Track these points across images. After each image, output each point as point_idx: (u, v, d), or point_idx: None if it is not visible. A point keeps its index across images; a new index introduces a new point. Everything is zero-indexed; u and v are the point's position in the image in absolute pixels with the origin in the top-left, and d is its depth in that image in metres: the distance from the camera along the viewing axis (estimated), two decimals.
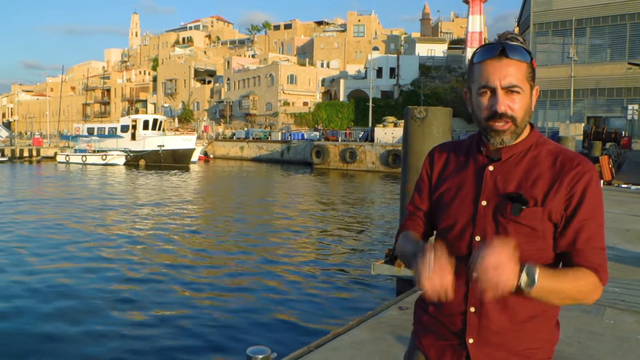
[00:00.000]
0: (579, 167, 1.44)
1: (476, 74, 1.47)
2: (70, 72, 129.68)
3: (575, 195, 1.42)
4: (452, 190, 1.56)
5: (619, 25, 39.27)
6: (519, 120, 1.44)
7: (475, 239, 1.47)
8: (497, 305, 1.45)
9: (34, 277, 9.67)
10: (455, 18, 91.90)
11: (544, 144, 1.51)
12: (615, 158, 24.02)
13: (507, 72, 1.41)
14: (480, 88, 1.45)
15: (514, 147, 1.49)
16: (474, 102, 1.49)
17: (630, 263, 6.75)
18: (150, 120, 46.52)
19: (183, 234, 14.52)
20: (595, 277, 1.40)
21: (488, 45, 1.46)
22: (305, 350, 4.02)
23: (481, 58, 1.45)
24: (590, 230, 1.42)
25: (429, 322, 1.60)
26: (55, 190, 25.23)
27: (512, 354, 1.47)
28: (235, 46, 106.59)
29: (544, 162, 1.47)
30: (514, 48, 1.42)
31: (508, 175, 1.48)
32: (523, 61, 1.43)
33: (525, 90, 1.44)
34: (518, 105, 1.43)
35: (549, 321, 1.52)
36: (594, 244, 1.42)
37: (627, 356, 3.86)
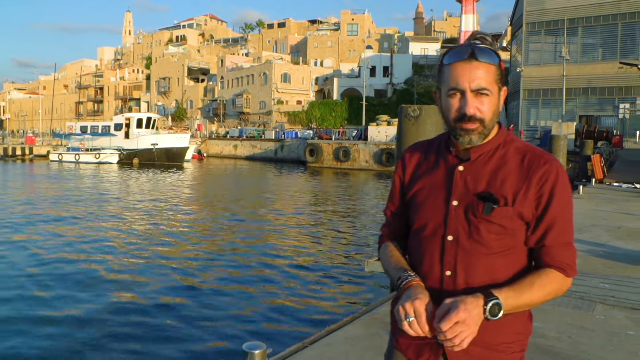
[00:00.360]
0: (546, 165, 1.47)
1: (446, 75, 1.49)
2: (63, 70, 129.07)
3: (544, 194, 1.46)
4: (424, 191, 1.58)
5: (610, 24, 39.49)
6: (487, 122, 1.47)
7: (448, 238, 1.50)
8: None
9: (29, 276, 9.65)
10: (448, 17, 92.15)
11: (512, 142, 1.54)
12: (607, 157, 24.17)
13: (476, 74, 1.43)
14: (450, 90, 1.47)
15: (482, 147, 1.51)
16: (444, 103, 1.52)
17: (621, 260, 6.83)
18: (143, 118, 46.38)
19: (177, 232, 14.52)
20: (561, 276, 1.47)
21: (458, 47, 1.47)
22: (300, 346, 4.05)
23: (451, 60, 1.47)
24: (559, 227, 1.47)
25: None
26: (49, 189, 25.12)
27: (487, 348, 1.49)
28: (228, 45, 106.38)
29: (512, 160, 1.50)
30: (483, 51, 1.45)
31: (477, 174, 1.50)
32: (492, 64, 1.45)
33: (494, 92, 1.46)
34: (486, 107, 1.46)
35: (521, 315, 1.54)
36: (562, 240, 1.47)
37: (617, 351, 3.92)
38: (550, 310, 4.78)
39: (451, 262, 1.50)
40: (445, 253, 1.50)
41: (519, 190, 1.46)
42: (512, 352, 1.51)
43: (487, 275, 1.48)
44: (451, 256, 1.50)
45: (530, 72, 42.33)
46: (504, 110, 47.21)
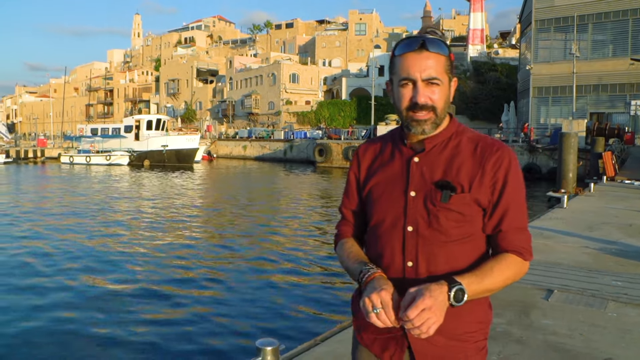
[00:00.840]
0: (498, 152, 1.51)
1: (397, 66, 1.51)
2: (73, 73, 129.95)
3: (498, 180, 1.49)
4: (380, 185, 1.60)
5: (621, 20, 39.15)
6: (439, 110, 1.49)
7: (408, 229, 1.52)
8: None
9: (41, 278, 9.76)
10: (456, 15, 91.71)
11: (464, 132, 1.57)
12: (618, 154, 23.99)
13: (427, 64, 1.46)
14: (402, 80, 1.49)
15: (435, 137, 1.54)
16: (396, 94, 1.53)
17: (633, 257, 6.81)
18: (153, 120, 46.59)
19: (190, 231, 14.62)
20: (519, 260, 1.51)
21: (409, 38, 1.50)
22: (312, 343, 4.09)
23: (402, 51, 1.49)
24: (514, 212, 1.51)
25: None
26: (61, 191, 25.33)
27: (450, 338, 1.51)
28: (237, 46, 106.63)
29: (465, 149, 1.53)
30: (433, 41, 1.47)
31: (433, 164, 1.53)
32: (442, 54, 1.48)
33: (444, 82, 1.49)
34: (438, 96, 1.48)
35: (482, 303, 1.57)
36: (517, 225, 1.51)
37: (630, 348, 3.91)
38: (562, 307, 4.78)
39: (412, 253, 1.52)
40: (406, 244, 1.53)
41: (474, 177, 1.49)
42: (475, 341, 1.54)
43: (448, 264, 1.50)
44: (412, 246, 1.52)
45: (540, 69, 42.07)
46: (514, 107, 46.95)
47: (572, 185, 17.71)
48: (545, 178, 28.84)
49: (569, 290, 5.30)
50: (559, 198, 12.98)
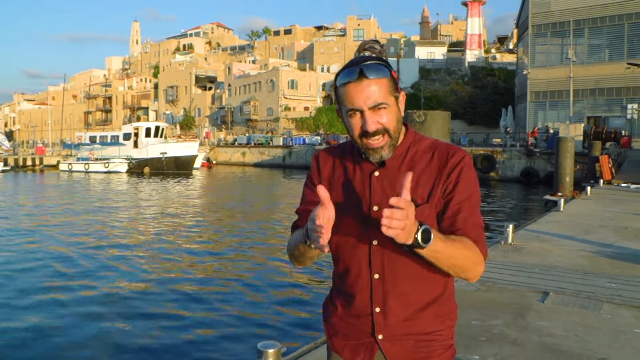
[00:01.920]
0: (453, 157, 1.52)
1: (342, 97, 1.50)
2: (71, 81, 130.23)
3: (451, 182, 1.51)
4: (341, 199, 1.58)
5: (617, 25, 39.42)
6: (392, 131, 1.49)
7: (373, 243, 1.54)
8: (399, 301, 1.55)
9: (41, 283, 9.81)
10: (454, 21, 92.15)
11: (420, 141, 1.58)
12: (615, 157, 24.12)
13: (370, 92, 1.44)
14: (349, 111, 1.49)
15: (393, 154, 1.54)
16: (347, 123, 1.53)
17: (628, 260, 6.89)
18: (152, 127, 46.64)
19: (191, 237, 14.70)
20: (477, 249, 1.49)
21: (347, 68, 1.48)
22: (312, 346, 4.16)
23: (343, 81, 1.48)
24: (467, 210, 1.51)
25: (338, 324, 1.66)
26: (60, 199, 25.38)
27: (419, 340, 1.56)
28: (235, 52, 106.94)
29: (423, 159, 1.55)
30: (370, 68, 1.45)
31: (393, 178, 1.53)
32: (383, 77, 1.46)
33: (391, 103, 1.48)
34: (387, 119, 1.47)
35: (447, 303, 1.60)
36: (472, 222, 1.51)
37: (624, 348, 3.99)
38: (557, 309, 4.86)
39: (378, 266, 1.54)
40: (372, 258, 1.54)
41: (432, 185, 1.52)
42: (443, 340, 1.58)
43: (413, 274, 1.53)
44: (378, 260, 1.54)
45: (537, 74, 42.29)
46: (511, 112, 47.13)
47: (569, 188, 17.82)
48: (542, 182, 28.96)
49: (565, 292, 5.38)
50: (555, 201, 13.07)
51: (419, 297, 1.56)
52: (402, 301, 1.55)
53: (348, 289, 1.62)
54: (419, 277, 1.54)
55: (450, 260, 1.44)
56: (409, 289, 1.54)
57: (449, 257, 1.43)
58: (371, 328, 1.57)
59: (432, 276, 1.55)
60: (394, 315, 1.55)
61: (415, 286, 1.54)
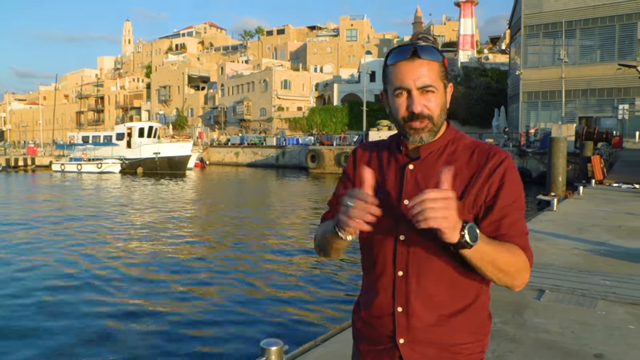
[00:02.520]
0: (495, 157, 1.46)
1: (391, 76, 1.48)
2: (63, 80, 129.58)
3: (493, 184, 1.43)
4: (375, 191, 1.49)
5: (608, 26, 39.71)
6: (435, 119, 1.46)
7: (400, 238, 1.48)
8: (423, 302, 1.47)
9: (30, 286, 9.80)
10: (447, 21, 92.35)
11: (461, 139, 1.53)
12: (606, 157, 24.31)
13: (420, 72, 1.43)
14: (396, 90, 1.46)
15: (431, 145, 1.50)
16: (391, 104, 1.50)
17: (622, 258, 6.99)
18: (145, 127, 46.50)
19: (190, 237, 14.74)
20: (525, 256, 1.42)
21: (400, 47, 1.47)
22: (313, 344, 4.21)
23: (394, 60, 1.46)
24: (513, 216, 1.43)
25: (363, 328, 1.60)
26: (53, 200, 25.28)
27: (443, 350, 1.47)
28: (228, 52, 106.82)
29: (462, 157, 1.49)
30: (425, 48, 1.44)
31: (428, 172, 1.48)
32: (435, 61, 1.45)
33: (440, 89, 1.46)
34: (434, 104, 1.45)
35: (479, 314, 1.51)
36: (517, 230, 1.44)
37: (618, 344, 4.07)
38: (553, 307, 4.94)
39: (402, 262, 1.48)
40: (397, 253, 1.49)
41: (469, 184, 1.45)
42: (469, 353, 1.48)
43: (440, 275, 1.46)
44: (402, 256, 1.48)
45: (530, 74, 42.53)
46: (504, 112, 47.36)
47: (561, 188, 17.97)
48: (535, 182, 29.12)
49: (560, 290, 5.46)
50: (549, 201, 13.18)
51: (446, 301, 1.47)
52: (427, 303, 1.47)
53: (371, 287, 1.57)
54: (447, 279, 1.47)
55: (495, 264, 1.37)
56: (435, 291, 1.46)
57: (494, 260, 1.36)
58: (392, 330, 1.50)
59: (462, 280, 1.48)
60: (417, 317, 1.47)
61: (442, 289, 1.46)
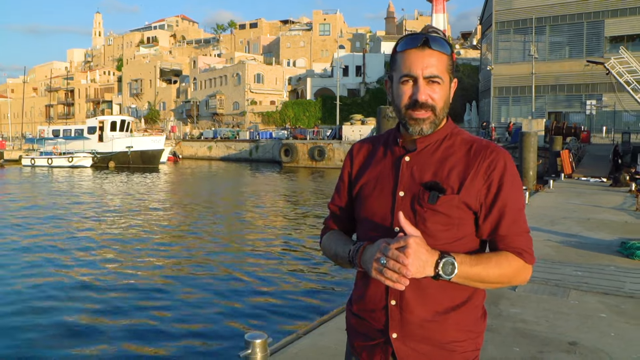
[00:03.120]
0: (493, 154, 1.45)
1: (399, 62, 1.48)
2: (31, 73, 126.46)
3: (493, 182, 1.43)
4: (370, 183, 1.56)
5: (576, 23, 40.54)
6: (438, 110, 1.46)
7: (395, 229, 1.46)
8: (417, 296, 1.45)
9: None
10: (419, 16, 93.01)
11: (459, 134, 1.53)
12: (575, 152, 24.89)
13: (429, 62, 1.43)
14: (402, 77, 1.46)
15: (429, 137, 1.50)
16: (395, 91, 1.50)
17: (591, 249, 7.21)
18: (117, 121, 45.85)
19: (167, 233, 14.63)
20: (520, 261, 1.43)
21: (412, 35, 1.47)
22: (295, 337, 4.26)
23: (405, 47, 1.46)
24: (512, 215, 1.44)
25: (356, 324, 1.59)
26: (23, 195, 24.78)
27: (436, 347, 1.46)
28: (200, 45, 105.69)
29: (459, 151, 1.48)
30: (436, 40, 1.45)
31: (424, 165, 1.48)
32: (444, 53, 1.45)
33: (445, 81, 1.46)
34: (438, 96, 1.45)
35: (473, 311, 1.50)
36: (517, 229, 1.44)
37: (591, 331, 4.22)
38: (528, 297, 5.08)
39: None
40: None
41: (465, 179, 1.44)
42: (463, 352, 1.48)
43: None
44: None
45: (500, 70, 43.18)
46: (475, 107, 48.01)
47: (532, 182, 18.34)
48: None
49: (534, 280, 5.61)
50: None
51: (441, 296, 1.46)
52: (421, 296, 1.45)
53: (365, 281, 1.55)
54: None
55: (482, 281, 1.41)
56: (429, 284, 1.42)
57: (481, 278, 1.40)
58: (385, 324, 1.49)
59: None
60: (411, 311, 1.46)
61: (437, 283, 1.42)
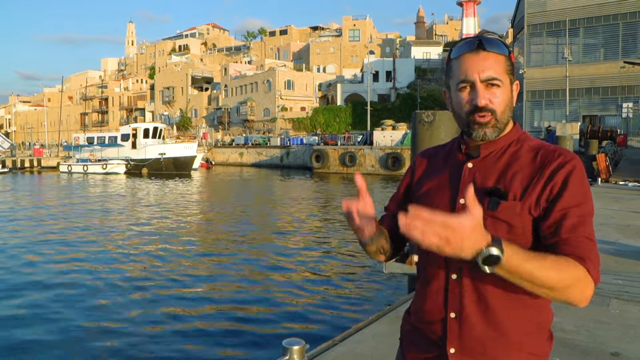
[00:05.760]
0: (560, 158, 1.36)
1: (454, 69, 1.43)
2: (67, 82, 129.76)
3: (556, 184, 1.33)
4: (431, 192, 1.51)
5: (611, 25, 39.68)
6: (498, 114, 1.40)
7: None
8: (479, 310, 1.37)
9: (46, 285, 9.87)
10: (449, 20, 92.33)
11: (526, 140, 1.46)
12: (611, 156, 24.30)
13: (485, 65, 1.37)
14: (460, 83, 1.41)
15: (493, 144, 1.43)
16: (454, 99, 1.45)
17: (632, 257, 7.01)
18: (150, 128, 46.70)
19: (202, 239, 14.89)
20: (582, 269, 1.24)
21: (465, 39, 1.43)
22: (331, 344, 4.27)
23: (459, 53, 1.42)
24: (575, 218, 1.29)
25: (411, 334, 1.54)
26: (63, 199, 25.40)
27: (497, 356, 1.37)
28: (231, 53, 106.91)
29: (525, 157, 1.40)
30: (491, 41, 1.39)
31: (487, 171, 1.41)
32: (501, 54, 1.39)
33: (505, 84, 1.40)
34: (498, 99, 1.39)
35: (539, 333, 1.41)
36: (581, 233, 1.28)
37: (634, 342, 4.10)
38: (567, 306, 4.97)
39: (457, 265, 1.39)
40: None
41: (529, 185, 1.35)
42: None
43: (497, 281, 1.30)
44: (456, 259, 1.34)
45: (533, 73, 42.51)
46: None
47: None
48: None
49: None
50: None
51: (504, 311, 1.37)
52: (482, 310, 1.37)
53: (423, 290, 1.50)
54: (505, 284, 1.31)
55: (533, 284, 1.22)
56: (492, 297, 1.35)
57: (532, 278, 1.21)
58: (442, 338, 1.42)
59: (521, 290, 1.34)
60: (471, 325, 1.38)
61: (500, 294, 1.34)
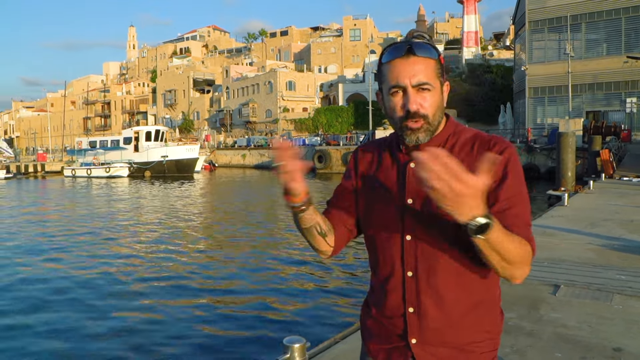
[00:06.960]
0: (496, 146, 1.41)
1: (386, 74, 1.44)
2: (69, 87, 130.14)
3: (496, 173, 1.36)
4: (377, 192, 1.53)
5: (613, 19, 39.51)
6: (430, 118, 1.42)
7: (406, 238, 1.45)
8: (434, 302, 1.43)
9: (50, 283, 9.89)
10: (450, 18, 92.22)
11: (462, 132, 1.49)
12: (615, 151, 24.23)
13: (415, 70, 1.39)
14: (391, 88, 1.42)
15: (431, 142, 1.46)
16: (386, 103, 1.46)
17: (636, 252, 6.98)
18: (152, 131, 46.83)
19: (204, 239, 14.91)
20: (530, 248, 1.33)
21: (395, 44, 1.43)
22: (332, 342, 4.26)
23: (389, 58, 1.43)
24: (517, 207, 1.37)
25: (373, 326, 1.57)
26: (67, 202, 25.47)
27: (455, 350, 1.45)
28: (232, 55, 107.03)
29: (462, 150, 1.44)
30: (420, 46, 1.40)
31: None
32: (431, 58, 1.41)
33: (436, 87, 1.42)
34: (429, 103, 1.41)
35: (490, 312, 1.49)
36: (523, 220, 1.37)
37: (637, 338, 4.08)
38: (569, 301, 4.96)
39: (412, 262, 1.45)
40: (405, 253, 1.45)
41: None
42: (481, 352, 1.46)
43: (451, 273, 1.43)
44: (411, 256, 1.45)
45: (535, 70, 42.38)
46: (510, 109, 47.23)
47: (571, 183, 17.94)
48: (544, 177, 29.08)
49: (575, 285, 5.48)
50: (559, 196, 13.16)
51: (457, 300, 1.44)
52: (438, 303, 1.44)
53: (381, 288, 1.54)
54: (457, 277, 1.43)
55: (502, 254, 1.25)
56: (446, 290, 1.43)
57: (504, 250, 1.25)
58: (404, 330, 1.48)
59: (472, 277, 1.44)
60: (429, 317, 1.44)
61: (453, 287, 1.42)
